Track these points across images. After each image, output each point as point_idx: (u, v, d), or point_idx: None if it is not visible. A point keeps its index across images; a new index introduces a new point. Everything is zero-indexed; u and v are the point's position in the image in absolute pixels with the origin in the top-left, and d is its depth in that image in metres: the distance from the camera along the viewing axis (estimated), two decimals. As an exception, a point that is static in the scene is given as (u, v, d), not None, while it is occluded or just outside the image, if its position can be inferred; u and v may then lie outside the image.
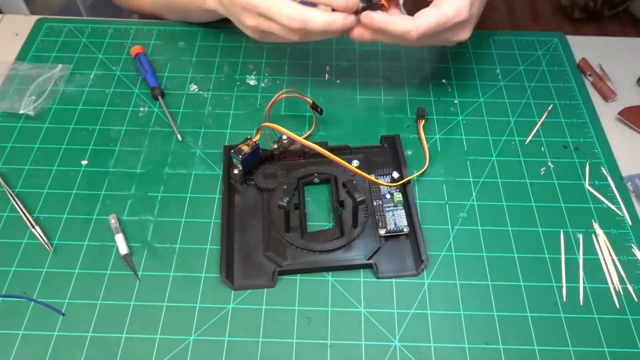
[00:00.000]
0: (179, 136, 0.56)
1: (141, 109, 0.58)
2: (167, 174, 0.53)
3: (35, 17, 0.67)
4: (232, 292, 0.45)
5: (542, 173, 0.54)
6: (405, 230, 0.48)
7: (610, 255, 0.48)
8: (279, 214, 0.48)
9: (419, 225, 0.48)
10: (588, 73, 0.63)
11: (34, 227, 0.48)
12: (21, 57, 0.63)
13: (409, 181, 0.51)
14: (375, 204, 0.50)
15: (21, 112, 0.57)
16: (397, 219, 0.49)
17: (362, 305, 0.45)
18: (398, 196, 0.50)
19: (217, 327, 0.43)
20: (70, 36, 0.65)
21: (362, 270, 0.47)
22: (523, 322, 0.44)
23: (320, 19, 0.46)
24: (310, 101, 0.55)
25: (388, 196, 0.51)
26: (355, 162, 0.53)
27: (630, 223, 0.50)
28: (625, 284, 0.46)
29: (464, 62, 0.64)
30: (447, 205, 0.51)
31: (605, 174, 0.54)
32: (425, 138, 0.56)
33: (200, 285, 0.46)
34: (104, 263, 0.47)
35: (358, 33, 0.49)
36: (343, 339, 0.43)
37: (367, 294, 0.45)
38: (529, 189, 0.52)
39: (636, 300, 0.45)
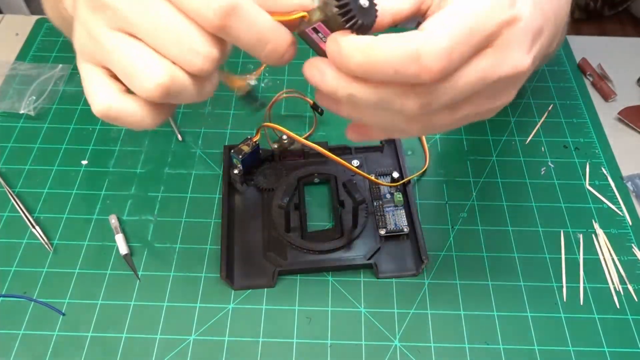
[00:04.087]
0: (179, 136, 0.56)
1: (141, 109, 0.58)
2: (167, 173, 0.53)
3: (35, 17, 0.67)
4: (232, 292, 0.45)
5: (542, 173, 0.54)
6: (406, 230, 0.48)
7: (611, 255, 0.48)
8: (279, 214, 0.48)
9: (419, 225, 0.48)
10: (588, 73, 0.63)
11: (34, 227, 0.48)
12: (21, 57, 0.63)
13: (409, 181, 0.51)
14: (375, 204, 0.50)
15: (21, 112, 0.57)
16: (397, 219, 0.49)
17: (362, 305, 0.45)
18: (398, 196, 0.50)
19: (217, 327, 0.43)
20: (71, 36, 0.65)
21: (362, 270, 0.47)
22: (523, 322, 0.44)
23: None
24: (311, 101, 0.55)
25: (388, 196, 0.51)
26: (355, 162, 0.53)
27: (630, 223, 0.50)
28: (626, 283, 0.46)
29: (464, 62, 0.64)
30: (447, 205, 0.51)
31: (606, 173, 0.54)
32: (425, 138, 0.56)
33: (200, 285, 0.46)
34: (104, 263, 0.47)
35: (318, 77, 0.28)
36: (343, 339, 0.43)
37: (367, 294, 0.45)
38: (529, 189, 0.52)
39: (636, 300, 0.45)
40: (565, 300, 0.45)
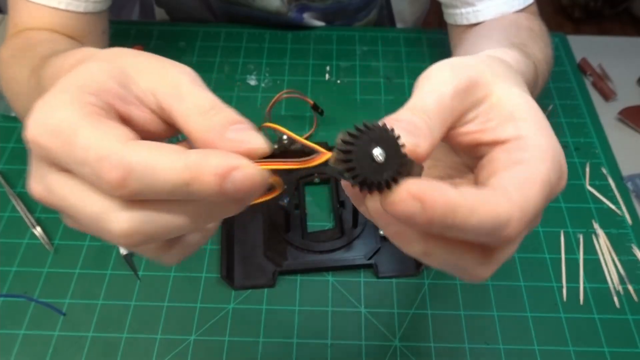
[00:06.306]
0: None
1: (142, 109, 0.58)
2: (167, 174, 0.53)
3: (35, 18, 0.67)
4: (233, 292, 0.45)
5: (542, 173, 0.54)
6: (406, 230, 0.48)
7: (611, 255, 0.48)
8: (279, 214, 0.48)
9: (419, 226, 0.48)
10: (588, 73, 0.63)
11: (35, 227, 0.48)
12: (22, 57, 0.63)
13: (409, 181, 0.51)
14: (375, 204, 0.50)
15: (22, 112, 0.57)
16: (397, 219, 0.49)
17: (362, 305, 0.45)
18: (398, 196, 0.50)
19: (217, 327, 0.43)
20: (71, 36, 0.65)
21: (362, 270, 0.47)
22: (523, 322, 0.44)
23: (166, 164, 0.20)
24: (311, 101, 0.55)
25: (388, 196, 0.51)
26: (356, 162, 0.53)
27: (630, 223, 0.50)
28: (625, 284, 0.46)
29: (464, 62, 0.64)
30: (447, 205, 0.51)
31: (606, 174, 0.54)
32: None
33: (200, 285, 0.46)
34: (104, 263, 0.47)
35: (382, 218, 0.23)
36: (343, 339, 0.43)
37: (367, 294, 0.45)
38: (529, 189, 0.52)
39: (636, 300, 0.45)
40: (565, 300, 0.45)
